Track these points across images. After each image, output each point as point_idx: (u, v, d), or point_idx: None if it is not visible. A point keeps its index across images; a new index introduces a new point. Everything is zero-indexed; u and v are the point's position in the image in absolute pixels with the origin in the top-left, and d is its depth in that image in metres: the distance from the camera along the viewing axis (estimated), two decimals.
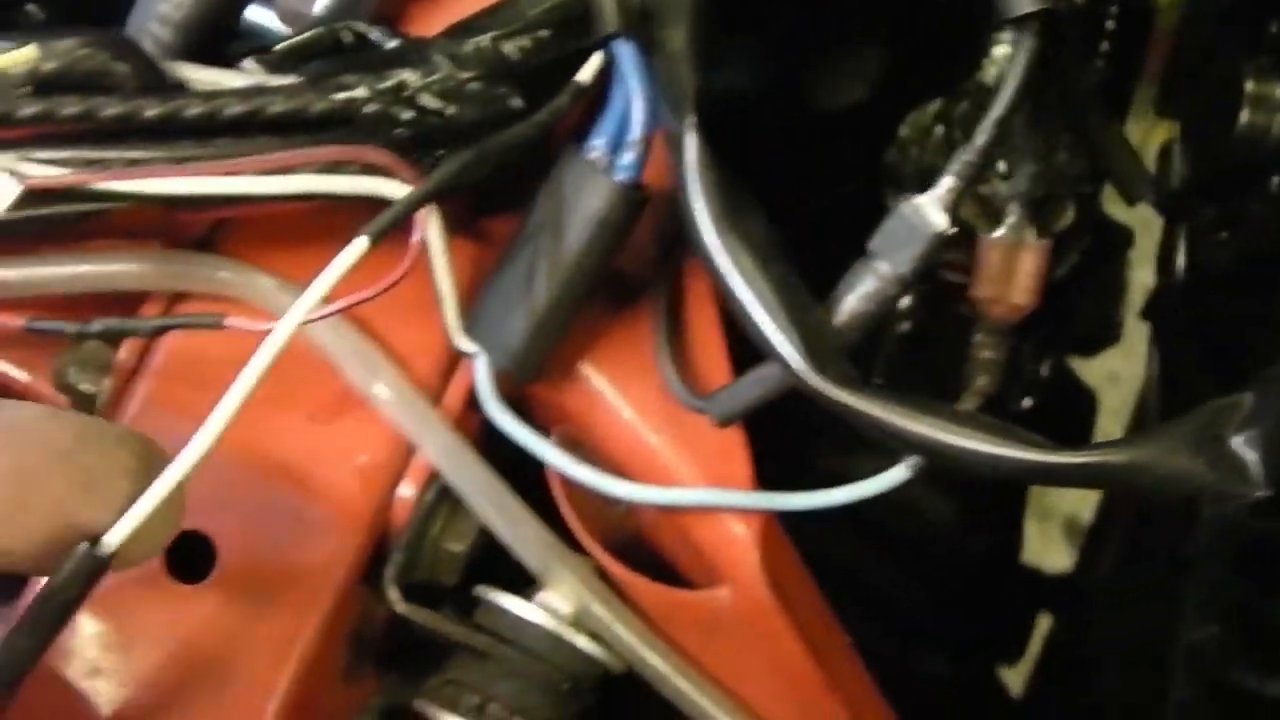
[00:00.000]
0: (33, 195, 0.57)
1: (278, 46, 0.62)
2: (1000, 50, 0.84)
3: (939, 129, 0.81)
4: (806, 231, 0.59)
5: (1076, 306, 0.85)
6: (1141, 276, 0.91)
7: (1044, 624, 1.17)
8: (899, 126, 0.84)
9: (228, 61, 0.63)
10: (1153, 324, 0.88)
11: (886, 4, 0.89)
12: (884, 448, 0.55)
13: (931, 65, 0.88)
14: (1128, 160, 0.71)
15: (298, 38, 0.62)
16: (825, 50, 0.88)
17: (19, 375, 0.66)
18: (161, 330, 0.58)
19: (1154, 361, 0.89)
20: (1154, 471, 0.47)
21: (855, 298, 0.54)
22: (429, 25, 0.63)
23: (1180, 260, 0.82)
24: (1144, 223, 0.88)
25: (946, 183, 0.54)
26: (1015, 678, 1.14)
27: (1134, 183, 0.71)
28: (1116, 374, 1.35)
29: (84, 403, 0.64)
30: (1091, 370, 1.03)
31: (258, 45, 0.64)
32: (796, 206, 0.63)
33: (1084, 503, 1.52)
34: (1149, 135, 0.96)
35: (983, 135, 0.53)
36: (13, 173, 0.56)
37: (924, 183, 0.82)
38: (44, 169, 0.57)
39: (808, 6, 0.84)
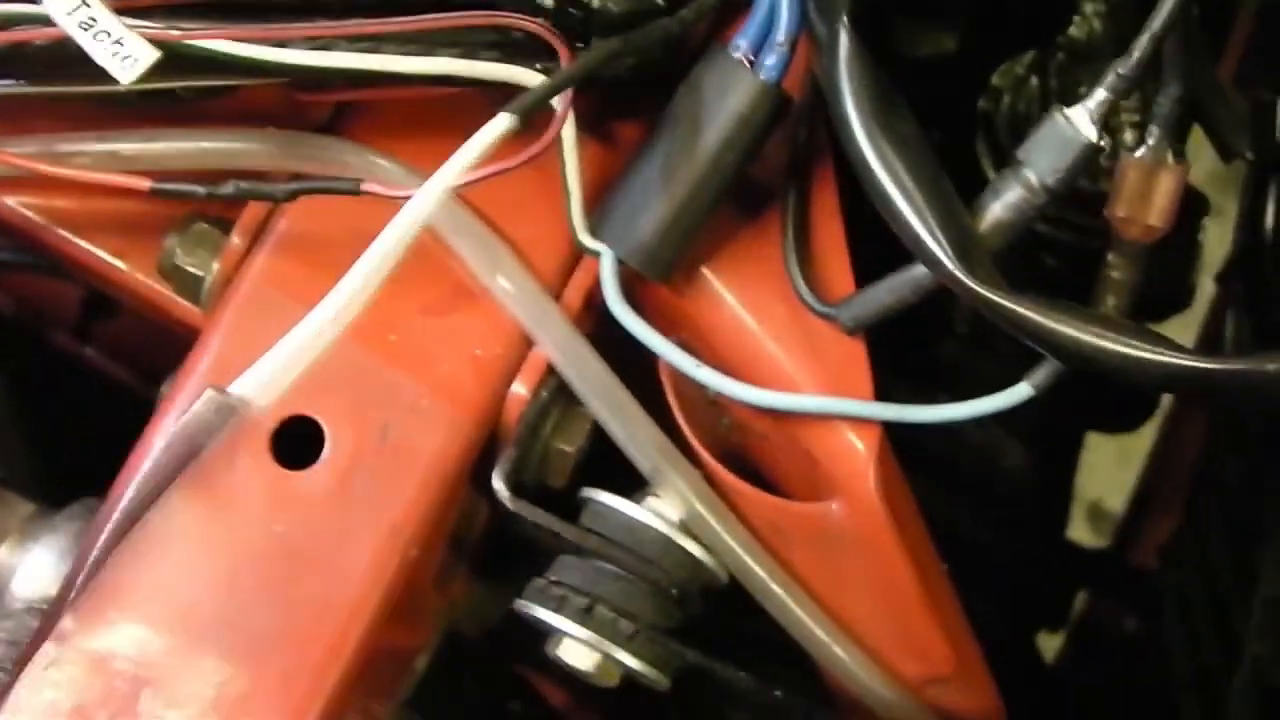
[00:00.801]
0: (163, 65, 0.57)
1: None
2: (1091, 6, 0.85)
3: (1034, 79, 0.82)
4: None
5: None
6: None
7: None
8: (989, 77, 0.85)
9: None
10: (1233, 287, 0.89)
11: None
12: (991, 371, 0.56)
13: (1018, 19, 0.89)
14: (1230, 112, 0.72)
15: None
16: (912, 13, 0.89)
17: (117, 264, 0.66)
18: (295, 194, 0.58)
19: (1231, 325, 0.90)
20: None
21: (1001, 205, 0.55)
22: None
23: (1270, 220, 0.83)
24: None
25: (1098, 95, 0.54)
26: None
27: (1234, 134, 0.72)
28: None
29: (190, 285, 0.64)
30: None
31: None
32: None
33: (1111, 488, 1.54)
34: None
35: (1139, 50, 0.54)
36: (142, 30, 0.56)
37: (1016, 131, 0.83)
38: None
39: None
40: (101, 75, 0.56)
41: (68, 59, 0.57)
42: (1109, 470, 1.58)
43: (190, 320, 0.65)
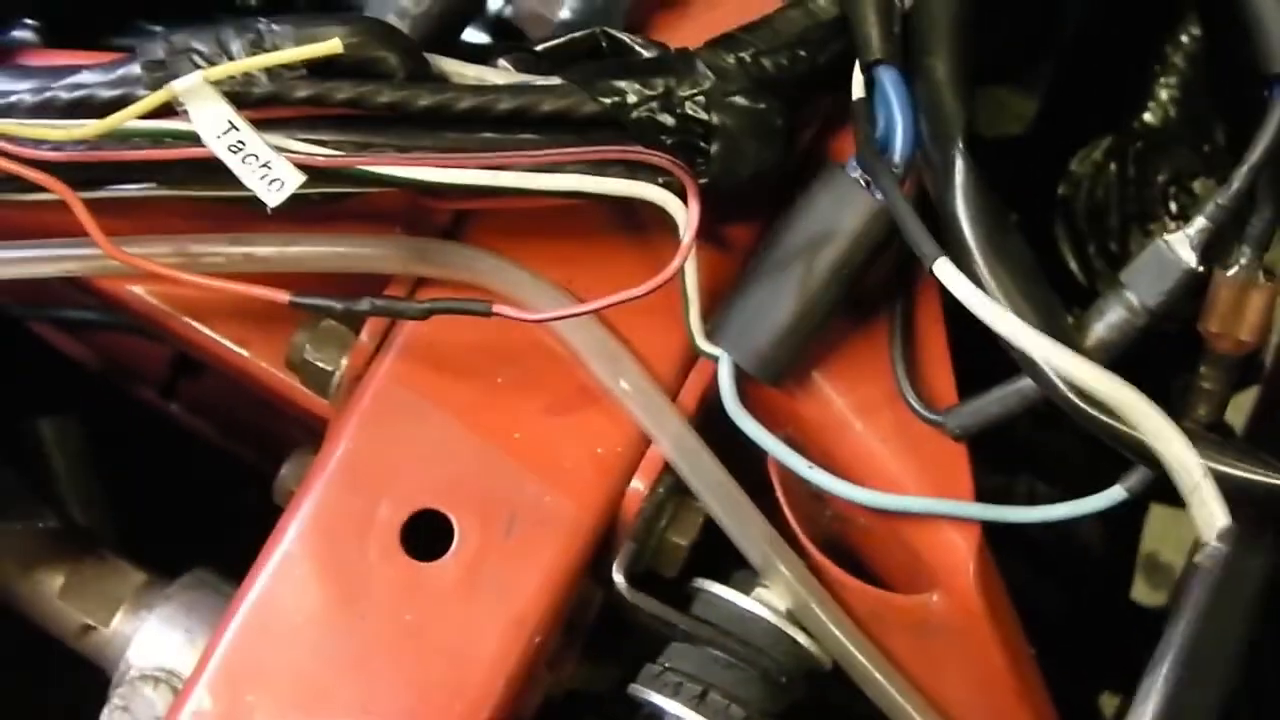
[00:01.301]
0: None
1: (539, 47, 0.66)
2: (1165, 94, 0.89)
3: (1112, 166, 0.86)
4: None
5: None
6: None
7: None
8: (1067, 162, 0.89)
9: (478, 57, 0.67)
10: None
11: (1047, 45, 0.94)
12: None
13: (1093, 103, 0.92)
14: None
15: (559, 39, 0.66)
16: (989, 83, 0.92)
17: (239, 351, 0.70)
18: (430, 313, 0.62)
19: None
20: None
21: (1104, 325, 0.59)
22: (676, 36, 0.68)
23: None
24: None
25: (1199, 223, 0.58)
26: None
27: None
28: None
29: (319, 379, 0.68)
30: None
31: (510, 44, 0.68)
32: None
33: (1167, 540, 1.57)
34: None
35: (1238, 181, 0.58)
36: (289, 154, 0.59)
37: (1095, 214, 0.87)
38: (312, 149, 0.60)
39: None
40: (238, 182, 0.60)
41: (210, 170, 0.61)
42: (1164, 522, 1.61)
43: (315, 409, 0.69)
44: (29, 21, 0.77)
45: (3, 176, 0.61)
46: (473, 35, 0.76)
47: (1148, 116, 0.86)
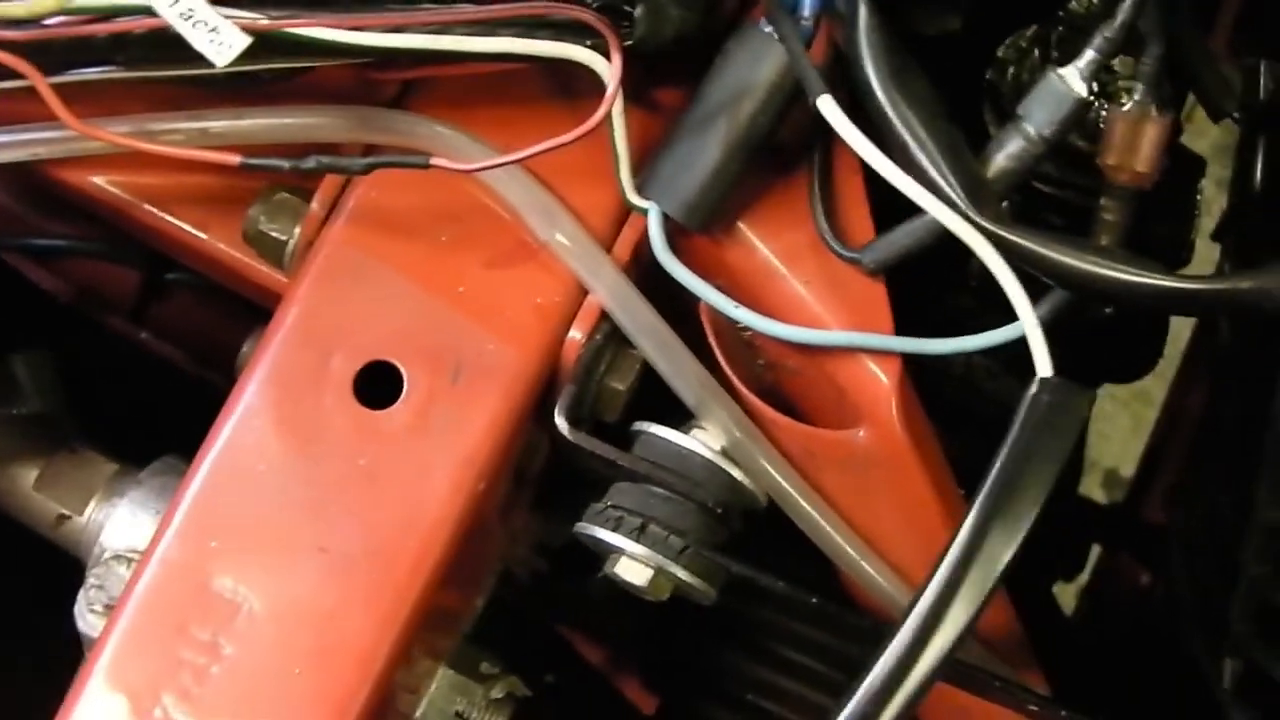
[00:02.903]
0: (251, 49, 0.67)
1: None
2: None
3: (1035, 51, 0.92)
4: None
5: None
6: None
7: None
8: (995, 49, 0.95)
9: None
10: (1225, 241, 0.99)
11: None
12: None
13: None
14: (1217, 75, 0.82)
15: None
16: None
17: (197, 234, 0.76)
18: (371, 168, 0.68)
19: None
20: (1271, 296, 0.58)
21: (1004, 155, 0.65)
22: None
23: (1259, 174, 0.93)
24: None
25: (1088, 56, 0.64)
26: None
27: (1223, 97, 0.82)
28: None
29: (273, 250, 0.74)
30: None
31: None
32: None
33: (1126, 457, 1.64)
34: None
35: (1124, 13, 0.64)
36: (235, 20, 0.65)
37: (1020, 98, 0.93)
38: (255, 15, 0.66)
39: None
40: (193, 59, 0.66)
41: (164, 45, 0.67)
42: (1124, 439, 1.69)
43: (270, 284, 0.75)
44: None
45: None
46: None
47: (1071, 5, 0.91)
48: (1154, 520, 1.27)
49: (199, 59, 0.66)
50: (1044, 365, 0.62)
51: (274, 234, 0.73)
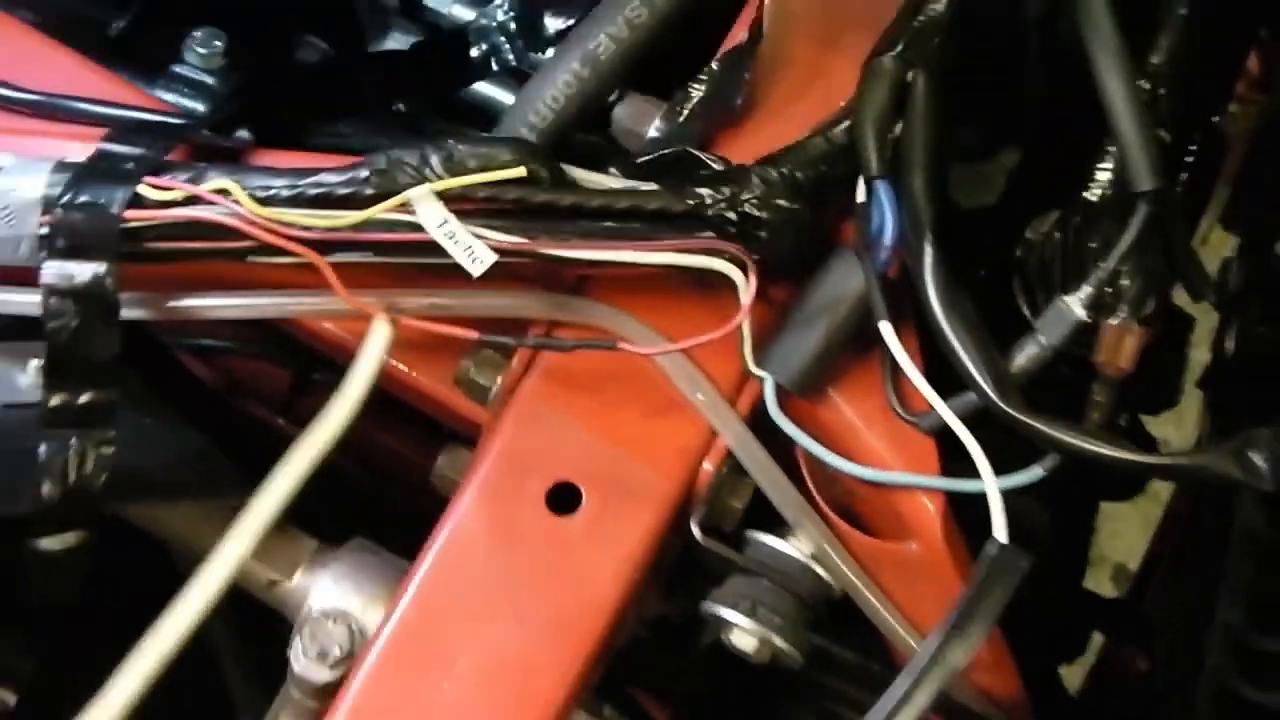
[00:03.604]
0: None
1: (639, 160, 1.08)
2: (1103, 175, 1.30)
3: (1056, 235, 1.28)
4: None
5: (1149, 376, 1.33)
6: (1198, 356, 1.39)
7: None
8: (1023, 229, 1.30)
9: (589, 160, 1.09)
10: (1205, 391, 1.36)
11: (1015, 133, 1.37)
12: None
13: (1046, 184, 1.34)
14: (1196, 268, 1.18)
15: (654, 154, 1.08)
16: (976, 160, 1.35)
17: (409, 372, 1.12)
18: (575, 348, 1.04)
19: (1205, 419, 1.36)
20: (1208, 470, 0.94)
21: (1023, 358, 1.00)
22: (733, 152, 1.10)
23: (1230, 344, 1.29)
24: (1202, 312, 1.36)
25: (1087, 289, 1.00)
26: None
27: (1200, 285, 1.18)
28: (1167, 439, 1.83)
29: (479, 392, 1.10)
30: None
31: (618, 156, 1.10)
32: None
33: (1134, 554, 1.98)
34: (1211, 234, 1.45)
35: (1112, 261, 1.00)
36: (486, 240, 1.01)
37: (1044, 275, 1.28)
38: (501, 236, 1.02)
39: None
40: (432, 253, 1.02)
41: (419, 247, 1.02)
42: (1134, 536, 2.03)
43: (473, 417, 1.10)
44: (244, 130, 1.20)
45: (264, 246, 1.02)
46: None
47: (1089, 195, 1.25)
48: (1154, 611, 1.61)
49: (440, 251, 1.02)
50: (1000, 532, 0.94)
51: (481, 382, 1.09)
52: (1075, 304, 0.95)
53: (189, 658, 0.96)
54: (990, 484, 0.92)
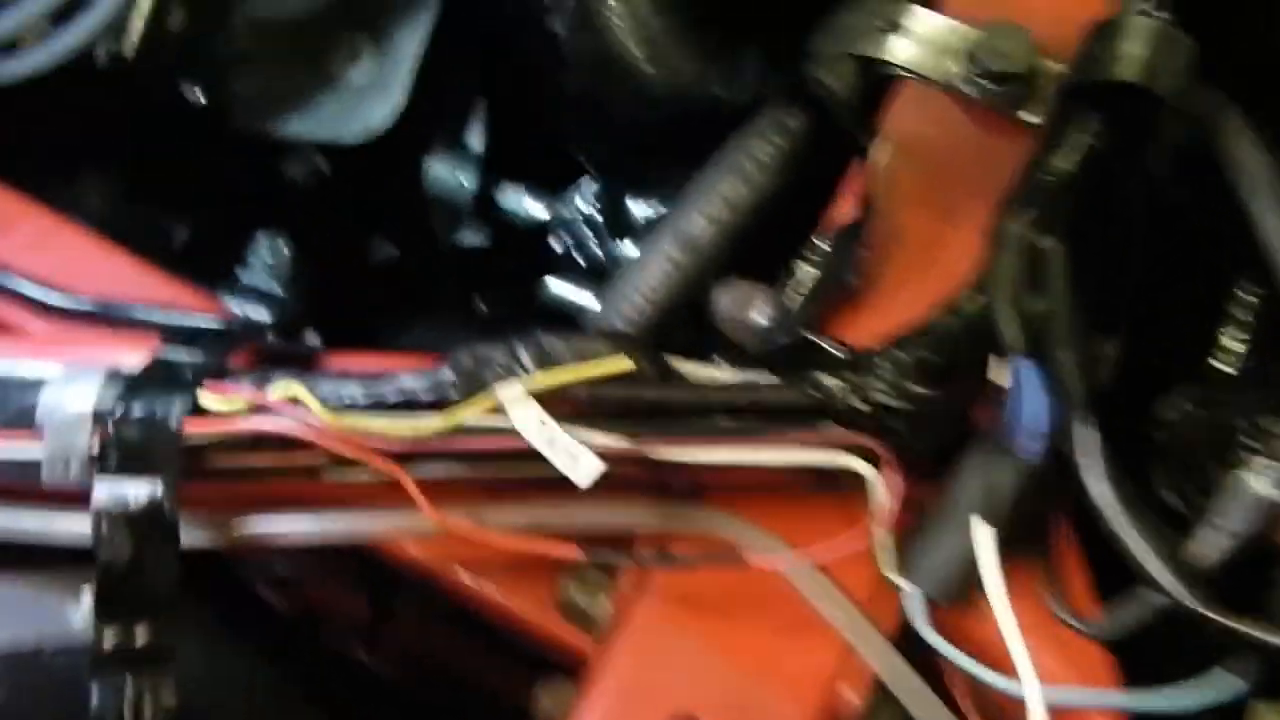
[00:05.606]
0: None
1: (752, 351, 0.98)
2: (1231, 344, 1.19)
3: (1197, 413, 1.17)
4: None
5: None
6: None
7: None
8: (1149, 405, 1.20)
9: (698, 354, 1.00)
10: None
11: (1127, 309, 1.27)
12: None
13: (1166, 354, 1.24)
14: None
15: (771, 344, 0.98)
16: None
17: (505, 600, 1.01)
18: (697, 564, 0.93)
19: None
20: None
21: (1206, 547, 0.90)
22: (852, 334, 1.00)
23: None
24: None
25: (1269, 465, 0.89)
26: None
27: None
28: None
29: (584, 618, 0.99)
30: None
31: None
32: None
33: None
34: None
35: None
36: (591, 446, 0.91)
37: (1191, 457, 1.18)
38: (607, 440, 0.92)
39: None
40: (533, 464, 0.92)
41: (513, 457, 0.93)
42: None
43: (577, 644, 1.00)
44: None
45: (340, 459, 0.93)
46: None
47: (1221, 365, 1.16)
48: None
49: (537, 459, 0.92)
50: None
51: (587, 607, 0.98)
52: (1258, 481, 0.84)
53: None
54: (1186, 700, 0.80)
